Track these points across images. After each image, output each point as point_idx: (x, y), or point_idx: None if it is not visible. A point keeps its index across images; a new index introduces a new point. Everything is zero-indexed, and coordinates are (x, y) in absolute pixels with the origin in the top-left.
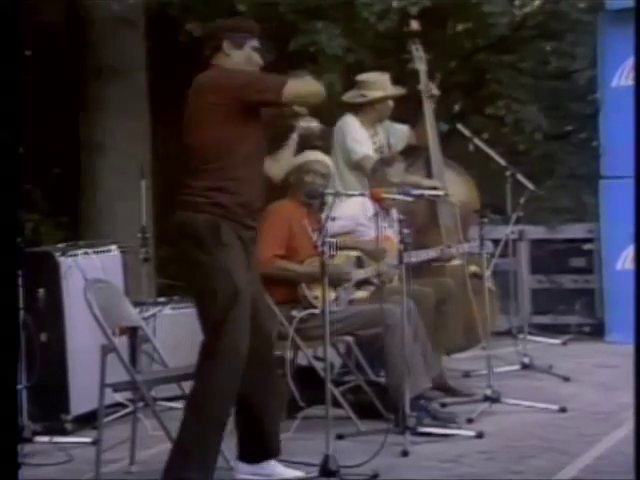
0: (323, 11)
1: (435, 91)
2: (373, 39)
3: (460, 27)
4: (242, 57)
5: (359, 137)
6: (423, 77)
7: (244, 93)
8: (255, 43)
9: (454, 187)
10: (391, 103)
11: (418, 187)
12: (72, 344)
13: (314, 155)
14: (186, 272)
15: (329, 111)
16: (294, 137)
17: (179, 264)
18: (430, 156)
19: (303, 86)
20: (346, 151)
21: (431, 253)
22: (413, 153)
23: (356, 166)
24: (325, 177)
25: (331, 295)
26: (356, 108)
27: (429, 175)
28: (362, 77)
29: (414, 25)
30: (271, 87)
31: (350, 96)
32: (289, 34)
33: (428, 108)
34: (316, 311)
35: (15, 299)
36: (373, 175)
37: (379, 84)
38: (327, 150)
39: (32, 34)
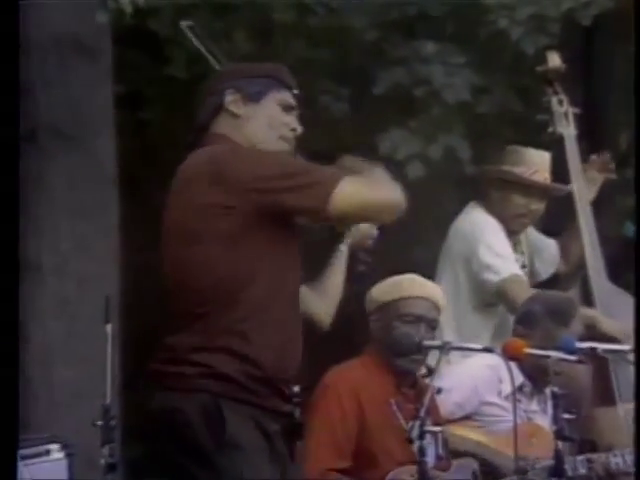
0: (431, 21)
1: (611, 172)
2: (515, 73)
3: None
4: (260, 117)
5: (501, 247)
6: (571, 147)
7: (263, 191)
8: (285, 96)
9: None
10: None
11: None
12: None
13: (412, 281)
14: None
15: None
16: (342, 251)
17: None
18: (589, 277)
19: (369, 192)
20: (475, 269)
21: (614, 460)
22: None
23: (495, 296)
24: (434, 324)
25: None
26: (491, 200)
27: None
28: (512, 148)
29: (554, 61)
30: (313, 186)
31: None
32: (371, 68)
33: (582, 203)
34: None
35: None
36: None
37: (539, 162)
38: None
39: None
